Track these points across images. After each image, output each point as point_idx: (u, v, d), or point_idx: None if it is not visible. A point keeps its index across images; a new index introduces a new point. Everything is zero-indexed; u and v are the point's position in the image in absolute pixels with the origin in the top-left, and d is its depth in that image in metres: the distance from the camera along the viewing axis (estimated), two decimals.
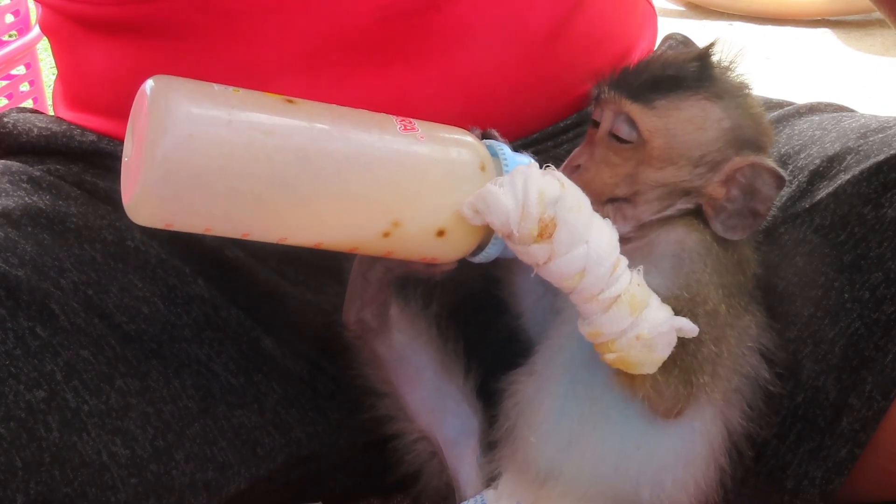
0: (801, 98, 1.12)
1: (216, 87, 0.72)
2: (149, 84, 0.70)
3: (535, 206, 0.71)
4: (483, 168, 0.77)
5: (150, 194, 0.69)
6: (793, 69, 2.48)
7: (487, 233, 0.77)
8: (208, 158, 0.68)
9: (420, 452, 0.92)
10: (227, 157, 0.69)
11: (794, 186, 0.96)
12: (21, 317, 0.85)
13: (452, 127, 0.79)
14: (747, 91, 0.84)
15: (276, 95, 0.74)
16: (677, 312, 0.75)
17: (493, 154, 0.79)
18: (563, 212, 0.72)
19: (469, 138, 0.79)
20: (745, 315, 0.81)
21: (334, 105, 0.76)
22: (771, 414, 0.86)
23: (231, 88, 0.72)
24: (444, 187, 0.75)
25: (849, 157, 0.95)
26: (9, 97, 1.94)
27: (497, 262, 0.80)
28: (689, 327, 0.75)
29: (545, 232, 0.72)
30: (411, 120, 0.77)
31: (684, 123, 0.81)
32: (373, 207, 0.74)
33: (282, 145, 0.71)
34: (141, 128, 0.70)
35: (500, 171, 0.77)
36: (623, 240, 0.80)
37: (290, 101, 0.73)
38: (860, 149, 0.94)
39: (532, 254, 0.73)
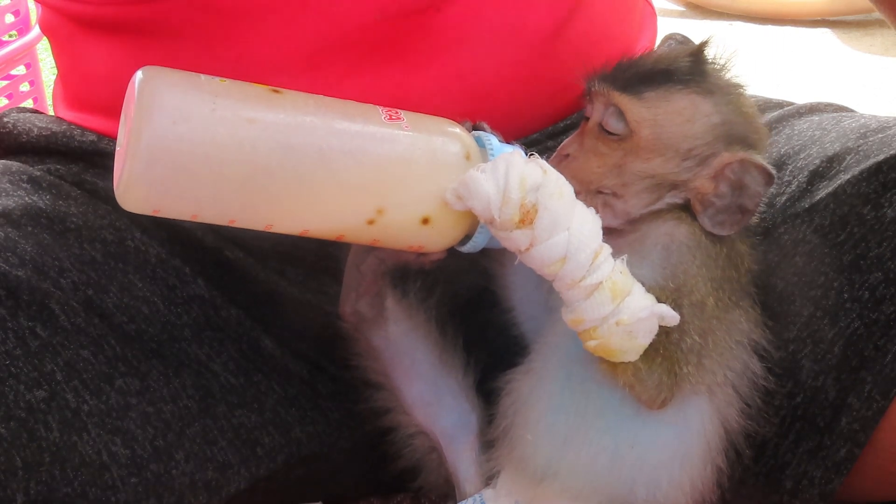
0: (801, 98, 1.12)
1: (202, 77, 0.73)
2: (137, 75, 0.72)
3: (517, 191, 0.72)
4: (468, 157, 0.77)
5: (135, 181, 0.70)
6: (793, 69, 2.48)
7: (474, 222, 0.77)
8: (192, 146, 0.70)
9: (418, 447, 0.92)
10: (211, 144, 0.70)
11: (793, 186, 0.96)
12: (21, 317, 0.85)
13: (440, 118, 0.80)
14: (740, 90, 0.84)
15: (262, 86, 0.75)
16: (662, 302, 0.76)
17: (481, 144, 0.79)
18: (544, 198, 0.73)
19: (456, 128, 0.79)
20: (735, 309, 0.82)
21: (320, 95, 0.76)
22: (770, 413, 0.86)
23: (217, 79, 0.73)
24: (428, 175, 0.76)
25: (848, 157, 0.95)
26: (9, 97, 1.94)
27: (488, 255, 0.81)
28: (669, 315, 0.75)
29: (527, 218, 0.73)
30: (397, 110, 0.78)
31: (672, 115, 0.81)
32: (356, 195, 0.75)
33: (265, 134, 0.72)
34: (129, 116, 0.71)
35: (485, 160, 0.78)
36: (615, 234, 0.81)
37: (276, 91, 0.75)
38: (860, 149, 0.94)
39: (514, 240, 0.74)
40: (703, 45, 0.84)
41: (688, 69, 0.82)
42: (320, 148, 0.73)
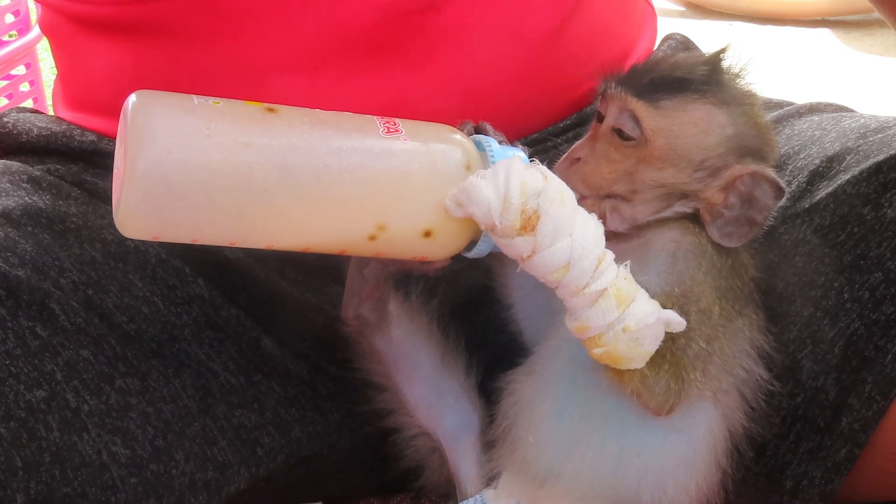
0: (801, 98, 1.11)
1: (196, 99, 0.72)
2: (130, 100, 0.71)
3: (517, 196, 0.72)
4: (468, 167, 0.76)
5: (133, 210, 0.70)
6: (793, 69, 2.48)
7: (477, 230, 0.77)
8: (188, 173, 0.70)
9: (420, 448, 0.93)
10: (207, 171, 0.70)
11: (793, 187, 0.96)
12: (21, 317, 0.85)
13: (439, 125, 0.79)
14: (754, 100, 0.84)
15: (256, 105, 0.74)
16: (668, 309, 0.75)
17: (481, 149, 0.78)
18: (546, 204, 0.72)
19: (456, 136, 0.78)
20: (739, 318, 0.81)
21: (316, 110, 0.76)
22: (772, 414, 0.86)
23: (211, 100, 0.73)
24: (428, 188, 0.75)
25: (848, 157, 0.95)
26: (9, 97, 1.94)
27: (489, 253, 0.80)
28: (676, 320, 0.74)
29: (528, 224, 0.72)
30: (395, 121, 0.77)
31: (688, 126, 0.80)
32: (356, 212, 0.74)
33: (260, 157, 0.71)
34: (124, 143, 0.71)
35: (486, 166, 0.77)
36: (619, 239, 0.80)
37: (271, 110, 0.74)
38: (860, 149, 0.94)
39: (516, 247, 0.73)
40: (721, 53, 0.83)
41: (705, 78, 0.81)
42: (317, 168, 0.72)
